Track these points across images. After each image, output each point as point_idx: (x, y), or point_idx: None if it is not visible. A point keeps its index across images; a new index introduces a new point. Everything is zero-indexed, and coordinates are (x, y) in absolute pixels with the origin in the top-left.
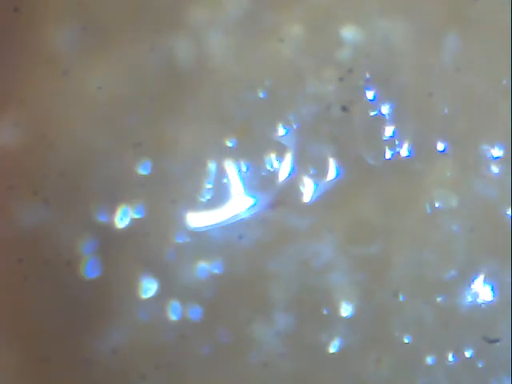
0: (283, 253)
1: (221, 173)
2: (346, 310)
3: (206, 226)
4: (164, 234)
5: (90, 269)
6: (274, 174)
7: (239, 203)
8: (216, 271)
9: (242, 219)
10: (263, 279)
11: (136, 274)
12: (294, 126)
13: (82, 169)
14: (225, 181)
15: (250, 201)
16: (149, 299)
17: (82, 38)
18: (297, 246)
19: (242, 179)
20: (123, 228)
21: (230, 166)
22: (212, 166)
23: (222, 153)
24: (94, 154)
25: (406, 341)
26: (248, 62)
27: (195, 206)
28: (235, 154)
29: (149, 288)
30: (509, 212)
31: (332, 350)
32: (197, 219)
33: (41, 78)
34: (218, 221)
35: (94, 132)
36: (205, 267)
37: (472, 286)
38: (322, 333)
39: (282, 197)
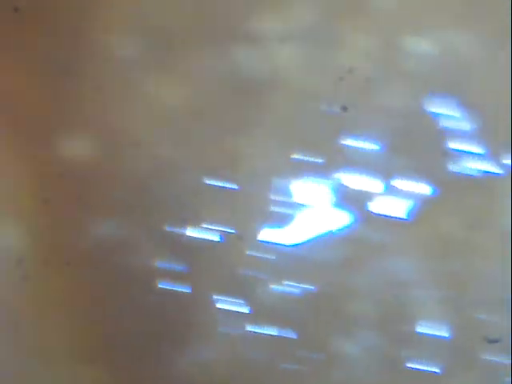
0: (368, 269)
1: (289, 190)
2: (430, 327)
3: (288, 243)
4: (244, 249)
5: (170, 282)
6: (352, 189)
7: (320, 219)
8: (299, 288)
9: (325, 235)
10: (348, 295)
11: (218, 290)
12: (375, 141)
13: (154, 182)
14: (294, 199)
15: (330, 217)
16: (231, 315)
17: (147, 50)
18: (381, 262)
19: (323, 195)
20: (203, 241)
21: (307, 182)
22: (288, 181)
23: (297, 168)
24: (162, 167)
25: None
26: (317, 74)
27: (274, 222)
28: (311, 169)
29: (231, 304)
30: None
31: (415, 366)
32: (278, 235)
33: (108, 90)
34: (299, 238)
35: (160, 146)
36: (287, 284)
37: None
38: (405, 349)
39: (363, 212)
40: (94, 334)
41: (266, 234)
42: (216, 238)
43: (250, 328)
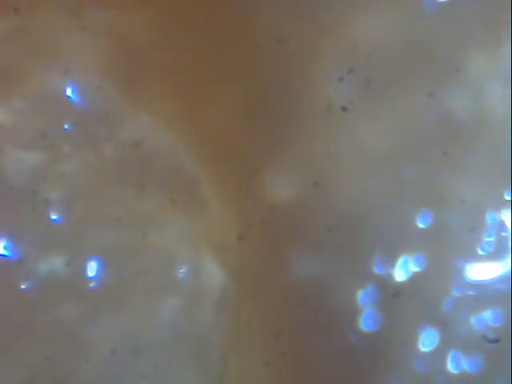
0: None
1: (501, 225)
2: None
3: (486, 279)
4: (443, 286)
5: (368, 321)
6: None
7: None
8: (496, 323)
9: None
10: None
11: (415, 325)
12: None
13: (359, 220)
14: (505, 234)
15: None
16: (428, 351)
17: (365, 89)
18: None
19: None
20: (402, 280)
21: (509, 219)
22: (492, 218)
23: (502, 205)
24: (371, 205)
25: None
26: None
27: (475, 258)
28: None
29: (428, 340)
30: None
31: None
32: (477, 271)
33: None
34: (498, 273)
35: (370, 183)
36: (484, 319)
37: None
38: None
39: None
40: (296, 375)
41: (470, 271)
42: (418, 276)
43: (444, 365)
